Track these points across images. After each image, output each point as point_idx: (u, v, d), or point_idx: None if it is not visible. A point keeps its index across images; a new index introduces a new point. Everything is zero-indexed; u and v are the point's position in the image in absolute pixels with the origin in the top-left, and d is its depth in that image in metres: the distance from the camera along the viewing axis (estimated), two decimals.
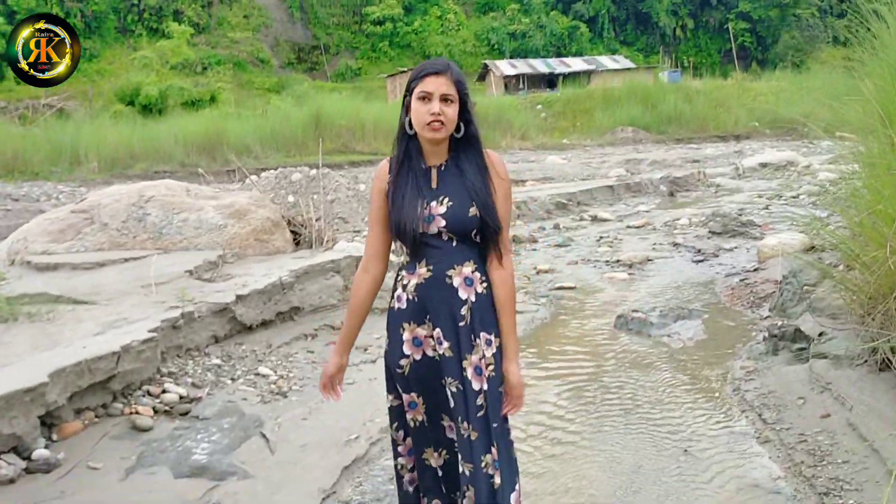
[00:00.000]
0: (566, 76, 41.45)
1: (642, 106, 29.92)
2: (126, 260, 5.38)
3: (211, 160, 18.95)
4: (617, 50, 55.00)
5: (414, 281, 2.13)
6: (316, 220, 7.13)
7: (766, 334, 4.60)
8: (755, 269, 6.83)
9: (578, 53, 51.52)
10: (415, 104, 2.09)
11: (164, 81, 25.91)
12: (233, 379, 4.21)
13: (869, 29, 5.08)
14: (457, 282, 2.09)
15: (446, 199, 2.10)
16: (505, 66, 44.41)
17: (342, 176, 11.18)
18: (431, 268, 2.10)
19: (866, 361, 3.57)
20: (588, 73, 42.45)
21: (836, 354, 3.72)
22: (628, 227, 10.20)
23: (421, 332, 2.13)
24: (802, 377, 3.81)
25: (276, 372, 4.36)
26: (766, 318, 5.33)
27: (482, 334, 2.09)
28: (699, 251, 8.11)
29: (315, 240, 6.85)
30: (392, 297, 2.20)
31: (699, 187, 14.45)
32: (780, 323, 4.84)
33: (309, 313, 5.40)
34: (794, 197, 11.90)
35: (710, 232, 9.03)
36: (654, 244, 8.72)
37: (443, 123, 2.06)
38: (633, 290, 6.69)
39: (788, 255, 6.88)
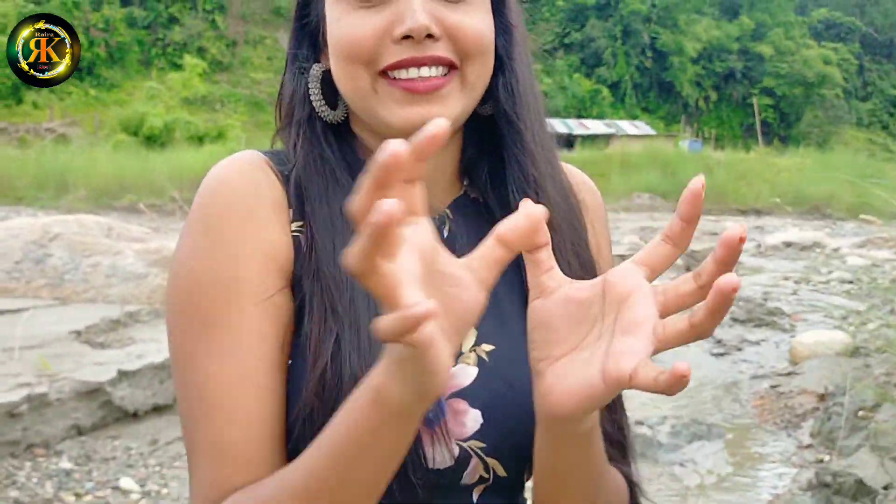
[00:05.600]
0: (585, 138, 40.75)
1: (661, 173, 28.92)
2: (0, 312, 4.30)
3: None
4: (638, 116, 54.57)
5: None
6: None
7: (814, 479, 3.42)
8: (788, 373, 5.66)
9: (599, 116, 51.04)
10: (337, 12, 0.68)
11: (171, 114, 25.25)
12: (77, 494, 3.07)
13: None
14: None
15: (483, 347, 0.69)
16: None
17: None
18: None
19: None
20: (607, 137, 41.71)
21: None
22: None
23: None
24: None
25: (143, 486, 3.22)
26: (807, 446, 4.15)
27: None
28: (719, 341, 6.94)
29: None
30: None
31: None
32: (828, 461, 3.66)
33: None
34: (824, 283, 10.75)
35: (731, 318, 7.86)
36: None
37: (450, 65, 0.67)
38: None
39: (828, 359, 5.79)
